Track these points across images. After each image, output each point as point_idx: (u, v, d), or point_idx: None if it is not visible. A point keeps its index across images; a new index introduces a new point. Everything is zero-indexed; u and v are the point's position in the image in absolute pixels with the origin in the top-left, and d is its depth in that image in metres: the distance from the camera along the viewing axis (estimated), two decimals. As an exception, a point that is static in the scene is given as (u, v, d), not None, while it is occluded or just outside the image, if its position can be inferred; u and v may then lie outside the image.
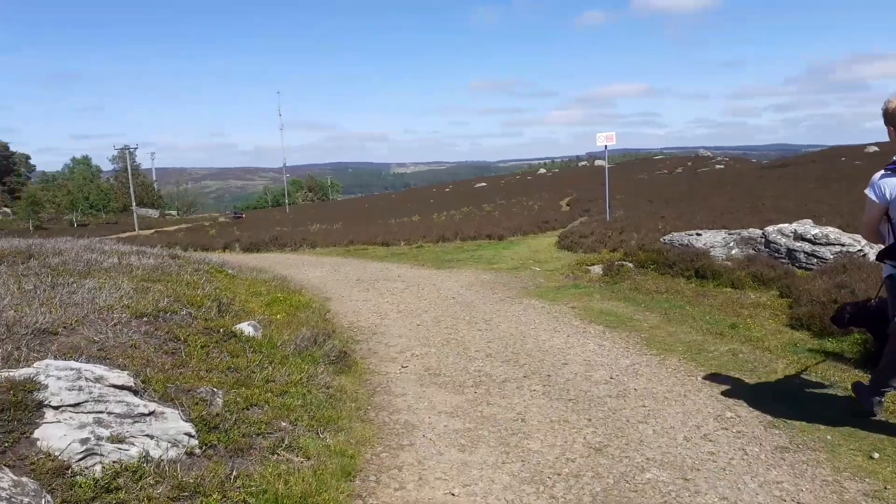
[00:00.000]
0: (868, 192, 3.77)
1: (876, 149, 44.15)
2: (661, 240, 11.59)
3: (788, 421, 4.33)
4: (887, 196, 3.67)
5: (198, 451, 3.56)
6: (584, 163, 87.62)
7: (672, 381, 5.16)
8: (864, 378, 4.94)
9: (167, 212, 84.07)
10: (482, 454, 3.97)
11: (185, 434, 3.57)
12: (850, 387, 4.65)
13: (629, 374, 5.37)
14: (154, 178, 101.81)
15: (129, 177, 60.65)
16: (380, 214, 42.23)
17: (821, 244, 9.65)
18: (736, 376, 5.19)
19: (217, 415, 3.91)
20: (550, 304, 8.19)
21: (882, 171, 3.72)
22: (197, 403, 3.92)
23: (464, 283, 10.02)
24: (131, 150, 66.83)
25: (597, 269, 9.83)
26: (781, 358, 5.56)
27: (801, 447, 3.95)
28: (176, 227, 52.17)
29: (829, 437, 4.07)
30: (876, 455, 3.77)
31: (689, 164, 60.44)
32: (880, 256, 3.91)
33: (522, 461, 3.86)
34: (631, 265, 9.63)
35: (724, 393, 4.85)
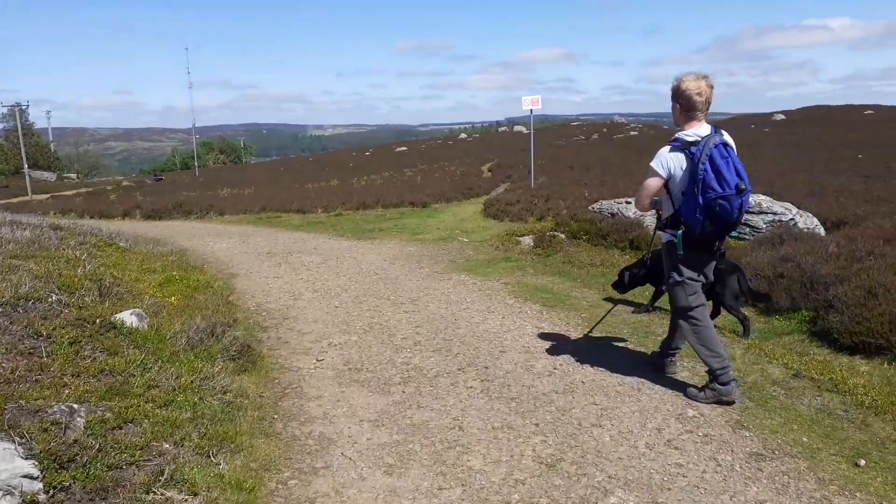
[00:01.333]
0: (654, 163, 3.99)
1: (782, 117, 45.95)
2: (591, 208, 11.16)
3: (757, 419, 3.86)
4: (670, 170, 3.93)
5: (42, 497, 2.71)
6: (503, 128, 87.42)
7: (623, 372, 4.62)
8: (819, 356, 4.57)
9: (66, 175, 78.46)
10: (414, 477, 3.28)
11: (24, 476, 2.71)
12: (788, 370, 4.41)
13: (574, 364, 4.81)
14: (51, 139, 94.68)
15: (20, 136, 55.84)
16: (296, 178, 40.50)
17: (753, 213, 9.42)
18: (692, 365, 4.71)
19: (75, 442, 3.04)
20: (482, 279, 7.55)
21: (669, 146, 3.96)
22: (46, 430, 3.03)
23: (387, 257, 9.25)
24: (23, 107, 61.40)
25: (528, 241, 9.28)
26: (737, 342, 5.12)
27: (776, 453, 3.47)
28: (74, 192, 48.53)
29: (805, 438, 3.62)
30: (862, 462, 3.33)
31: (605, 130, 61.20)
32: (661, 227, 4.22)
33: (463, 485, 3.20)
34: (563, 236, 9.12)
35: (682, 386, 4.34)
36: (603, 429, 3.79)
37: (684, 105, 3.94)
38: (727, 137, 3.93)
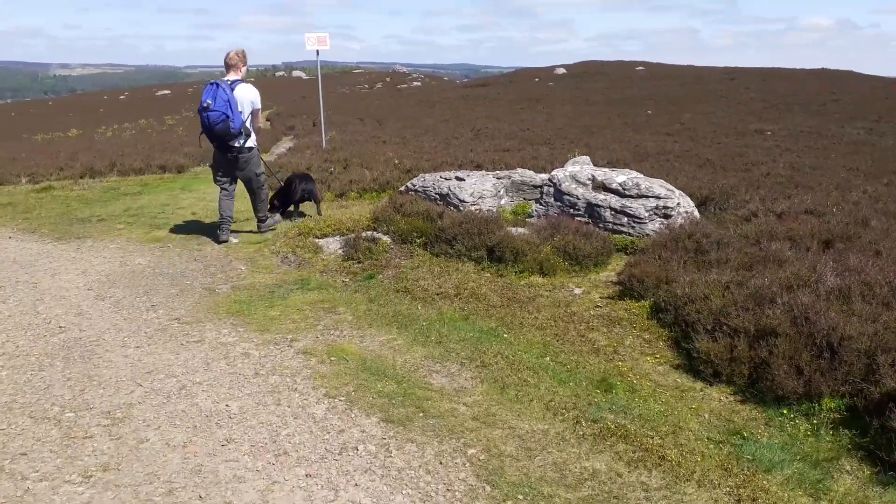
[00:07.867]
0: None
1: (563, 71, 46.70)
2: (410, 185, 8.17)
3: None
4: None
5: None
6: (281, 73, 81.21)
7: None
8: None
9: None
10: None
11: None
12: None
13: None
14: None
15: None
16: (28, 126, 32.58)
17: (630, 196, 7.09)
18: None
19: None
20: (260, 339, 4.23)
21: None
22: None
23: (97, 278, 5.47)
24: None
25: (333, 246, 6.04)
26: None
27: None
28: None
29: None
30: None
31: (388, 79, 59.36)
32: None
33: None
34: (387, 239, 6.02)
35: None
36: None
37: (225, 64, 6.52)
38: (242, 89, 6.37)
